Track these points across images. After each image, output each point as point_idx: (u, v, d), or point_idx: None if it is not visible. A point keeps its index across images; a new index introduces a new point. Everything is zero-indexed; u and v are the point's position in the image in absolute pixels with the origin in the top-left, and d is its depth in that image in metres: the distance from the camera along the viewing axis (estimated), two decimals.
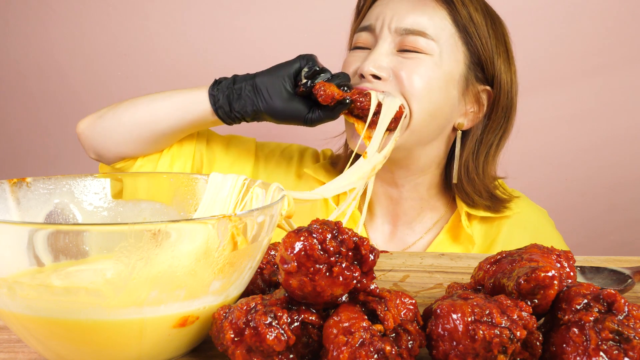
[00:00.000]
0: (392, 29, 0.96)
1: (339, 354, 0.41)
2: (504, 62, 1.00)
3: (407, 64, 0.93)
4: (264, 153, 1.12)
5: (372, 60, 0.94)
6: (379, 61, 0.94)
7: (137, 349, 0.44)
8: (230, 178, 0.60)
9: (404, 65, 0.93)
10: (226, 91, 0.94)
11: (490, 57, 0.98)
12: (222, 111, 0.95)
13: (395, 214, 1.07)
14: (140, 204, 0.62)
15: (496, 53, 0.99)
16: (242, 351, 0.43)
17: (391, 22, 0.96)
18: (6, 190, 0.55)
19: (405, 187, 1.04)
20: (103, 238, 0.43)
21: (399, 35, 0.96)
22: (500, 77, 0.99)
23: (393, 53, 0.96)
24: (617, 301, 0.42)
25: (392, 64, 0.94)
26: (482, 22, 0.98)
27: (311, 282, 0.42)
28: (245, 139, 1.12)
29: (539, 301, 0.44)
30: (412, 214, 1.06)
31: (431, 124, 0.95)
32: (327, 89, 0.90)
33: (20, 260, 0.43)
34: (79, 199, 0.60)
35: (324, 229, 0.43)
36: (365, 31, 0.99)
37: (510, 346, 0.41)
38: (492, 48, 0.98)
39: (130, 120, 0.98)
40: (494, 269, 0.50)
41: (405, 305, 0.46)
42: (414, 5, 0.98)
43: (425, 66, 0.93)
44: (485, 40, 0.98)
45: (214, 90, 0.95)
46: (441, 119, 0.96)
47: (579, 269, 0.63)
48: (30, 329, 0.44)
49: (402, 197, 1.05)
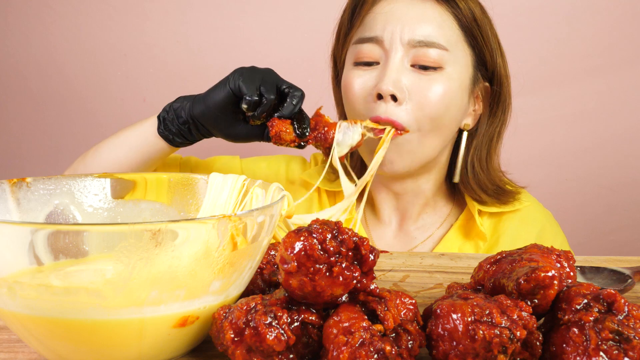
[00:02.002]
0: (405, 41, 0.91)
1: (339, 354, 0.41)
2: (500, 57, 0.99)
3: (423, 85, 0.90)
4: (250, 169, 1.12)
5: (390, 79, 0.89)
6: (398, 81, 0.90)
7: (137, 349, 0.44)
8: (230, 178, 0.60)
9: (421, 87, 0.90)
10: (174, 129, 0.92)
11: (492, 55, 0.98)
12: (180, 144, 0.94)
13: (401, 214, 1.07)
14: (140, 204, 0.62)
15: (495, 49, 0.98)
16: (242, 351, 0.43)
17: (402, 33, 0.92)
18: (6, 190, 0.55)
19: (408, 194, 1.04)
20: (103, 238, 0.43)
21: (411, 48, 0.91)
22: (500, 72, 0.99)
23: (407, 68, 0.92)
24: (617, 301, 0.42)
25: (408, 83, 0.90)
26: (482, 21, 0.97)
27: (311, 282, 0.42)
28: (228, 158, 1.12)
29: (539, 301, 0.44)
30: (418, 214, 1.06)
31: (444, 135, 0.95)
32: (281, 135, 0.83)
33: (21, 260, 0.43)
34: (79, 199, 0.60)
35: (324, 229, 0.43)
36: (369, 42, 0.94)
37: (510, 346, 0.41)
38: (492, 45, 0.98)
39: (99, 169, 0.97)
40: (494, 269, 0.50)
41: (405, 305, 0.46)
42: (422, 12, 0.93)
43: (440, 83, 0.91)
44: (487, 39, 0.97)
45: (164, 130, 0.93)
46: (454, 127, 0.97)
47: (579, 269, 0.63)
48: (30, 329, 0.44)
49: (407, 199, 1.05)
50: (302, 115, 0.85)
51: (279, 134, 0.82)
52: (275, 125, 0.83)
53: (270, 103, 0.83)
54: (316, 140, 0.84)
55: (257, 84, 0.83)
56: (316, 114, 0.87)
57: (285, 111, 0.83)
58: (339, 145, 0.85)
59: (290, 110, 0.83)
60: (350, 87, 0.94)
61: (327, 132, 0.85)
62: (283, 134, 0.82)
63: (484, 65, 0.98)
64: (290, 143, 0.83)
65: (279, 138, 0.83)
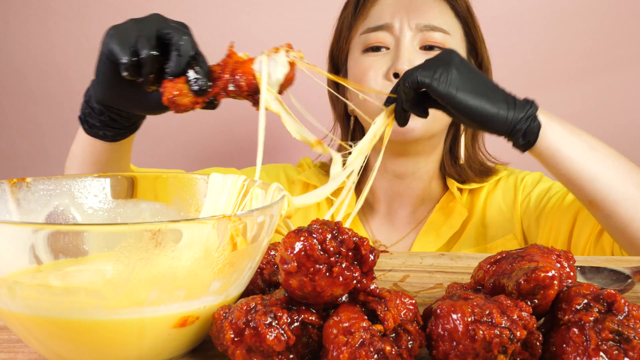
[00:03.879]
0: (413, 26, 0.99)
1: (339, 354, 0.41)
2: (483, 44, 1.08)
3: None
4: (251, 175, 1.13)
5: (405, 58, 0.96)
6: (412, 60, 0.96)
7: (137, 349, 0.44)
8: (230, 178, 0.60)
9: None
10: (98, 124, 0.81)
11: (481, 43, 1.06)
12: (117, 136, 0.82)
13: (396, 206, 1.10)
14: (140, 204, 0.62)
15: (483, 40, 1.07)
16: (242, 351, 0.43)
17: (409, 19, 0.99)
18: (6, 190, 0.55)
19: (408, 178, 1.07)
20: (103, 238, 0.43)
21: (419, 32, 0.99)
22: (486, 61, 1.08)
23: (417, 50, 0.99)
24: (617, 301, 0.42)
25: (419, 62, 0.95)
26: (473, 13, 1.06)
27: (311, 282, 0.42)
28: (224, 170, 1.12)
29: (539, 301, 0.44)
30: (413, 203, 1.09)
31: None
32: (175, 100, 0.65)
33: (21, 260, 0.43)
34: (79, 199, 0.60)
35: (324, 229, 0.43)
36: (379, 30, 1.01)
37: (510, 346, 0.41)
38: (481, 36, 1.07)
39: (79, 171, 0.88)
40: (494, 269, 0.50)
41: (405, 305, 0.46)
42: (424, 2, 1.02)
43: None
44: (477, 28, 1.06)
45: (89, 130, 0.82)
46: None
47: (579, 269, 0.63)
48: (30, 329, 0.44)
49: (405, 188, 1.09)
50: (198, 62, 0.67)
51: (172, 100, 0.65)
52: (166, 89, 0.65)
53: (150, 60, 0.66)
54: (228, 90, 0.66)
55: (131, 41, 0.66)
56: (227, 56, 0.69)
57: (171, 68, 0.66)
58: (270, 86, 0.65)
59: (177, 64, 0.66)
60: (366, 70, 1.01)
61: (241, 74, 0.66)
62: (177, 98, 0.65)
63: (475, 52, 1.07)
64: (193, 106, 0.65)
65: (174, 104, 0.66)
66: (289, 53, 0.66)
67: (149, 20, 0.68)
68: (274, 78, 0.65)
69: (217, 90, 0.66)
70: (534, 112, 0.79)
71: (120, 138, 0.83)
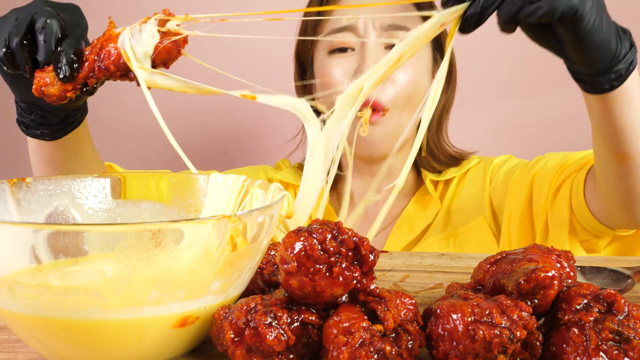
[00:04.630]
0: (377, 26, 0.99)
1: (339, 354, 0.41)
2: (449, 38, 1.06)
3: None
4: None
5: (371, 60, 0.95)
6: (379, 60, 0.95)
7: (137, 349, 0.44)
8: (230, 178, 0.60)
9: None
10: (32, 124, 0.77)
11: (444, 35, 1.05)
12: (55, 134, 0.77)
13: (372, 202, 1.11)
14: (140, 204, 0.62)
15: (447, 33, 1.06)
16: (242, 351, 0.43)
17: (374, 20, 0.99)
18: (6, 190, 0.55)
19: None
20: (103, 238, 0.43)
21: (383, 31, 0.99)
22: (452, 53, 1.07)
23: (382, 51, 0.98)
24: (617, 301, 0.42)
25: None
26: (435, 5, 1.04)
27: (311, 282, 0.42)
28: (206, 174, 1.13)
29: (539, 301, 0.44)
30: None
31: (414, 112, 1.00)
32: (45, 92, 0.60)
33: (21, 260, 0.43)
34: (79, 200, 0.60)
35: (324, 229, 0.43)
36: (344, 31, 1.00)
37: (510, 346, 0.41)
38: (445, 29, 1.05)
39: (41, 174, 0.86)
40: (494, 269, 0.50)
41: (405, 305, 0.46)
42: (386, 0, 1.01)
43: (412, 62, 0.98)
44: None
45: (27, 131, 0.79)
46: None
47: (579, 269, 0.63)
48: (30, 329, 0.44)
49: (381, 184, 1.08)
50: (69, 46, 0.61)
51: (41, 91, 0.60)
52: (35, 80, 0.60)
53: (18, 49, 0.61)
54: (97, 73, 0.60)
55: (6, 31, 0.62)
56: (103, 33, 0.62)
57: (40, 55, 0.61)
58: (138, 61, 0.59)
59: (46, 51, 0.61)
60: (333, 73, 1.00)
61: (108, 53, 0.59)
62: (46, 88, 0.60)
63: (440, 46, 1.06)
64: (65, 94, 0.60)
65: (44, 95, 0.60)
66: (169, 22, 0.59)
67: (27, 7, 0.63)
68: (140, 51, 0.59)
69: (85, 74, 0.60)
70: (634, 54, 0.67)
71: (60, 135, 0.78)
